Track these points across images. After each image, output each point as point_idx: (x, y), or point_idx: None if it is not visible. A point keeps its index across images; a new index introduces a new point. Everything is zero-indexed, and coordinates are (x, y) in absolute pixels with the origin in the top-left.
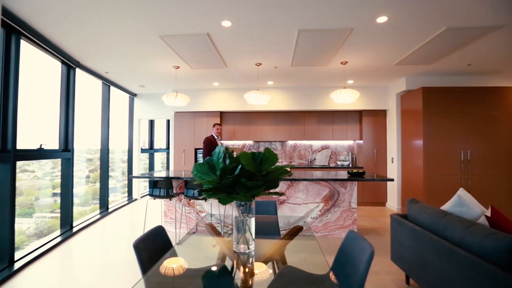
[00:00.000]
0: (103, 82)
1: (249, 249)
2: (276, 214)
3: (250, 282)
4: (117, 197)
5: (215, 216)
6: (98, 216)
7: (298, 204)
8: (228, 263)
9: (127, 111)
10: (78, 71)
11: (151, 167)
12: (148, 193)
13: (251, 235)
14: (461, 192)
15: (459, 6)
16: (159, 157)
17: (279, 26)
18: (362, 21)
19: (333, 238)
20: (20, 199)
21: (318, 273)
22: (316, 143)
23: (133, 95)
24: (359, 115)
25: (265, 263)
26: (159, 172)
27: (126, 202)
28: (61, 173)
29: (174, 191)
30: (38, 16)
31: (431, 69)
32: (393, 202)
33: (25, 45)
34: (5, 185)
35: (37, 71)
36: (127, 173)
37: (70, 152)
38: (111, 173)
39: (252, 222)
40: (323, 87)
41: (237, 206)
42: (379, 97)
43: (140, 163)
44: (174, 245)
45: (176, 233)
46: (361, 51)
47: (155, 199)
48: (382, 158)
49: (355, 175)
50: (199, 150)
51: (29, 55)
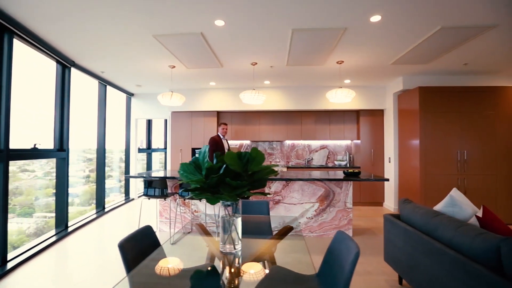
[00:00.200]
0: (99, 82)
1: (235, 249)
2: (269, 214)
3: (236, 282)
4: (115, 197)
5: (210, 216)
6: (94, 216)
7: (293, 204)
8: (218, 263)
9: (124, 110)
10: (74, 70)
11: (149, 167)
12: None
13: (238, 235)
14: (453, 192)
15: (453, 5)
16: (158, 157)
17: (272, 25)
18: (356, 20)
19: (328, 238)
20: (20, 199)
21: (307, 273)
22: (314, 143)
23: (130, 94)
24: (356, 114)
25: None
26: (157, 172)
27: (123, 202)
28: (56, 172)
29: (169, 191)
30: (32, 16)
31: (427, 68)
32: (390, 202)
33: (19, 45)
34: None
35: (31, 70)
36: (124, 172)
37: (65, 152)
38: (111, 173)
39: (239, 222)
40: (320, 87)
41: (223, 206)
42: (376, 96)
43: (139, 163)
44: (168, 244)
45: (170, 233)
46: (356, 51)
47: (149, 199)
48: (379, 158)
49: (350, 175)
50: (196, 150)
51: (23, 54)
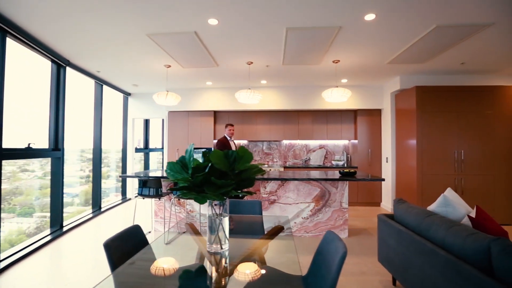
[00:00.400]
0: (95, 81)
1: (222, 249)
2: (261, 214)
3: (223, 283)
4: (114, 197)
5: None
6: (90, 216)
7: (289, 204)
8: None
9: (121, 110)
10: (69, 70)
11: (146, 166)
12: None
13: (225, 235)
14: (447, 192)
15: (448, 3)
16: (156, 157)
17: (266, 24)
18: (350, 18)
19: None
20: (20, 198)
21: (297, 273)
22: (312, 143)
23: (127, 94)
24: (353, 114)
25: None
26: (154, 172)
27: (120, 202)
28: (51, 172)
29: (164, 191)
30: (25, 16)
31: (424, 68)
32: (388, 202)
33: (13, 44)
34: None
35: (26, 69)
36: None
37: (60, 152)
38: (110, 173)
39: (226, 221)
40: (317, 86)
41: (210, 205)
42: (373, 96)
43: (137, 163)
44: (162, 244)
45: (165, 233)
46: (352, 50)
47: (144, 198)
48: (376, 157)
49: (346, 175)
50: (194, 150)
51: (17, 53)
